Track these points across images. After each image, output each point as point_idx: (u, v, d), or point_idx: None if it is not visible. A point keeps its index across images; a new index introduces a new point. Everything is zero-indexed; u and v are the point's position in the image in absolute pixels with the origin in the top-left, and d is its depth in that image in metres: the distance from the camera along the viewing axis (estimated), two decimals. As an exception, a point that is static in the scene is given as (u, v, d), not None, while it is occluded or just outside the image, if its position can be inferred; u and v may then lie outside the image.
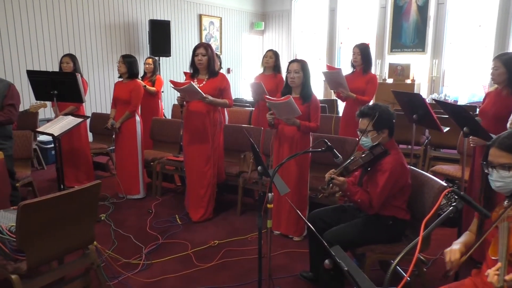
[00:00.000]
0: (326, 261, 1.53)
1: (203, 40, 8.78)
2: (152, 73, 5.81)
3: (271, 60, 4.81)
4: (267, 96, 3.49)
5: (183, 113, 4.00)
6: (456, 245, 1.78)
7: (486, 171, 1.76)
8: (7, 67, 5.71)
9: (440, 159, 4.93)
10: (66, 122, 3.55)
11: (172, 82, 3.67)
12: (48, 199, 2.09)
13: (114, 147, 4.79)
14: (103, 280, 2.55)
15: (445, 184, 2.40)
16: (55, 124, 3.55)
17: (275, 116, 3.41)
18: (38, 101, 4.21)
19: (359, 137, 2.55)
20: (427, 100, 3.79)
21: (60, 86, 3.85)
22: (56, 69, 5.23)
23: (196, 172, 3.92)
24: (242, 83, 10.05)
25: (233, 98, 4.25)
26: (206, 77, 3.81)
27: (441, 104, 3.32)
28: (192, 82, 3.60)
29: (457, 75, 8.52)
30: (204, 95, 3.62)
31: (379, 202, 2.45)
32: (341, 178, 2.44)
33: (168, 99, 7.84)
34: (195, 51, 3.77)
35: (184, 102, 3.87)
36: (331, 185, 2.43)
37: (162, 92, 6.09)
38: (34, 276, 2.23)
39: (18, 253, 2.13)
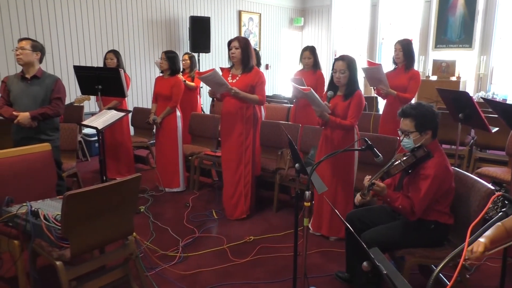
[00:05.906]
0: (365, 263, 1.50)
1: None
2: (191, 69, 5.87)
3: (310, 60, 4.74)
4: (293, 84, 3.38)
5: (215, 108, 4.00)
6: (482, 238, 1.61)
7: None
8: (55, 63, 6.00)
9: (486, 160, 4.70)
10: (109, 116, 3.66)
11: (197, 73, 3.65)
12: (92, 190, 2.16)
13: (154, 141, 4.91)
14: (141, 270, 2.62)
15: (492, 188, 2.28)
16: (99, 118, 3.67)
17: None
18: (82, 95, 4.38)
19: (401, 138, 2.44)
20: (474, 99, 3.61)
21: (104, 81, 3.98)
22: (101, 64, 5.42)
23: (229, 168, 3.91)
24: (281, 79, 10.00)
25: (271, 94, 4.20)
26: (240, 72, 3.74)
27: (491, 103, 3.16)
28: (215, 70, 3.48)
29: (507, 72, 8.08)
30: (230, 86, 3.56)
31: (421, 208, 2.33)
32: (382, 184, 2.34)
33: (207, 95, 7.93)
34: (229, 45, 3.71)
35: (219, 96, 3.83)
36: (371, 190, 2.36)
37: (201, 87, 6.17)
38: (77, 263, 2.32)
39: (63, 240, 2.23)
